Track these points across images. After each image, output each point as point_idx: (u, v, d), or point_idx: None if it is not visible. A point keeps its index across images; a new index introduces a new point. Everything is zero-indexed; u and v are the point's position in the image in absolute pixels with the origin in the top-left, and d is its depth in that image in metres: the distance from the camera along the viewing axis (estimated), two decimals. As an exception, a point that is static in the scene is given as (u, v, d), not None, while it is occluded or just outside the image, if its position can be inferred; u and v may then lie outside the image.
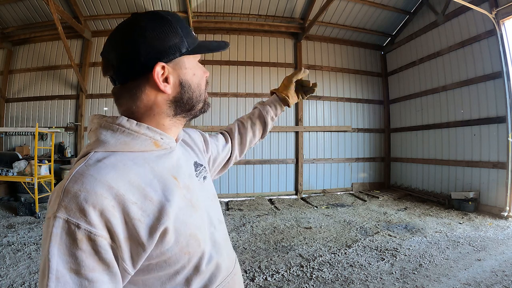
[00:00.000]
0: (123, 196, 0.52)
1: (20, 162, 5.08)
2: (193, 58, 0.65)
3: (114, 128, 0.59)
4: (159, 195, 0.57)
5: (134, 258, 0.53)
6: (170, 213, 0.56)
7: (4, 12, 6.21)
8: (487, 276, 2.75)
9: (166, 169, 0.62)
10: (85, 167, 0.54)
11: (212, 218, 0.72)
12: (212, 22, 6.63)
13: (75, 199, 0.49)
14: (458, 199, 5.30)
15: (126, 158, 0.58)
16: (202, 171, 0.76)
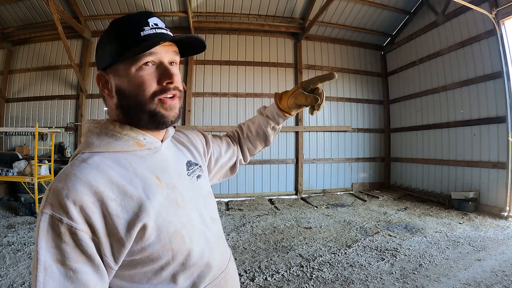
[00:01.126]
0: (102, 193, 0.55)
1: (20, 162, 5.08)
2: (130, 64, 0.61)
3: (99, 131, 0.64)
4: (139, 193, 0.59)
5: (115, 253, 0.56)
6: (150, 210, 0.58)
7: (4, 12, 6.21)
8: (487, 276, 2.75)
9: (148, 168, 0.65)
10: (70, 167, 0.58)
11: (204, 216, 0.72)
12: (212, 22, 6.63)
13: (58, 196, 0.53)
14: (458, 199, 5.30)
15: (109, 158, 0.61)
16: (196, 170, 0.78)
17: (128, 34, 0.61)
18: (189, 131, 0.89)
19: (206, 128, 6.68)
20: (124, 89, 0.62)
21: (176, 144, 0.80)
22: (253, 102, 6.91)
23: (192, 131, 0.90)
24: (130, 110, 0.63)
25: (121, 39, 0.61)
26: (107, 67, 0.63)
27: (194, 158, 0.81)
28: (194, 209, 0.69)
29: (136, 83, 0.61)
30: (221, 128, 6.69)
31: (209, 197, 0.78)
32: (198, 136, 0.90)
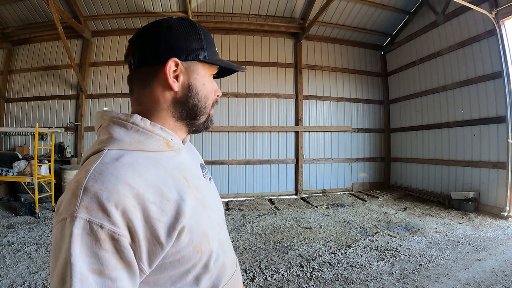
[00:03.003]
0: (143, 195, 0.52)
1: (20, 162, 5.08)
2: (207, 70, 0.66)
3: (128, 126, 0.59)
4: (175, 195, 0.57)
5: (151, 257, 0.53)
6: (186, 212, 0.56)
7: (4, 12, 6.21)
8: (487, 276, 2.75)
9: (177, 169, 0.63)
10: (102, 165, 0.53)
11: (219, 217, 0.73)
12: (212, 22, 6.63)
13: (96, 199, 0.48)
14: (458, 199, 5.30)
15: (141, 158, 0.58)
16: (207, 172, 0.79)
17: (210, 41, 0.66)
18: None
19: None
20: (199, 89, 0.65)
21: (188, 149, 0.79)
22: (253, 102, 6.91)
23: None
24: (195, 109, 0.65)
25: (206, 42, 0.65)
26: (185, 59, 0.62)
27: (202, 162, 0.84)
28: (211, 210, 0.68)
29: (209, 88, 0.67)
30: (221, 128, 6.69)
31: (219, 200, 0.80)
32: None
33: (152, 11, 6.35)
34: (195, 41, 0.63)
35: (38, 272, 2.78)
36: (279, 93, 6.99)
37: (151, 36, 0.63)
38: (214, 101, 0.69)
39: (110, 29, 6.79)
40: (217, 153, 6.74)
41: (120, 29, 6.81)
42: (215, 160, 6.71)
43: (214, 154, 6.74)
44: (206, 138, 6.76)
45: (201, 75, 0.65)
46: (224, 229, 0.75)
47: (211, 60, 0.65)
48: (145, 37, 0.63)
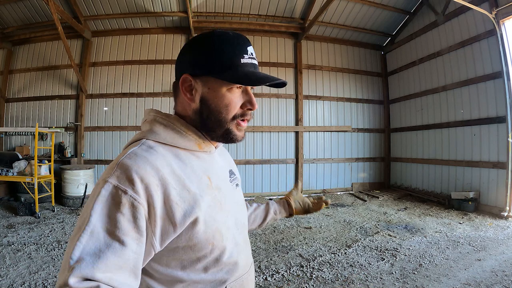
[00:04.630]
0: (167, 180, 0.60)
1: (20, 162, 5.08)
2: (224, 84, 0.66)
3: (166, 124, 0.69)
4: (195, 188, 0.64)
5: (163, 236, 0.60)
6: (202, 206, 0.64)
7: (4, 12, 6.21)
8: (487, 276, 2.75)
9: (203, 168, 0.70)
10: (139, 149, 0.63)
11: (238, 221, 0.78)
12: (212, 22, 6.63)
13: (127, 171, 0.57)
14: (458, 199, 5.30)
15: (171, 151, 0.67)
16: (235, 179, 0.85)
17: (230, 56, 0.65)
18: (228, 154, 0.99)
19: (206, 128, 6.68)
20: (210, 103, 0.67)
21: (222, 154, 0.86)
22: (253, 102, 6.90)
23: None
24: (208, 121, 0.69)
25: (222, 59, 0.65)
26: (197, 74, 0.67)
27: (233, 168, 0.88)
28: (231, 212, 0.74)
29: (224, 102, 0.67)
30: (221, 128, 6.69)
31: (243, 206, 0.86)
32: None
33: (152, 11, 6.35)
34: (206, 57, 0.66)
35: (38, 272, 2.78)
36: (279, 93, 6.98)
37: (180, 52, 0.72)
38: (238, 114, 0.69)
39: (110, 29, 6.79)
40: (217, 153, 6.73)
41: (120, 29, 6.81)
42: (215, 160, 6.70)
43: (214, 154, 6.73)
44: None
45: (213, 89, 0.67)
46: (243, 233, 0.80)
47: (222, 75, 0.65)
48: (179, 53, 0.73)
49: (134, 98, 6.73)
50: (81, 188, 5.58)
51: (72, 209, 5.36)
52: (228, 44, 0.66)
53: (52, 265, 2.95)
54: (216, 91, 0.67)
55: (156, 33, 6.86)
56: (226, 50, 0.66)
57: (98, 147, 6.69)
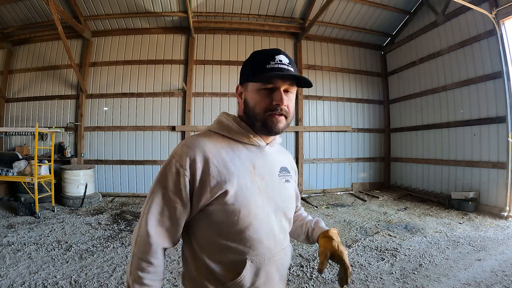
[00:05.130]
0: (209, 159, 0.82)
1: (20, 162, 5.08)
2: (255, 85, 0.86)
3: (226, 120, 0.92)
4: (234, 170, 0.83)
5: (200, 197, 0.81)
6: (235, 184, 0.82)
7: (4, 12, 6.21)
8: (487, 276, 2.75)
9: (249, 158, 0.89)
10: (197, 135, 0.89)
11: (278, 209, 0.91)
12: (212, 22, 6.63)
13: (181, 150, 0.83)
14: (458, 199, 5.30)
15: (225, 140, 0.89)
16: (286, 175, 0.98)
17: (258, 64, 0.85)
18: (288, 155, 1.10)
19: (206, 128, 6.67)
20: (249, 101, 0.88)
21: (279, 152, 1.02)
22: (253, 102, 6.90)
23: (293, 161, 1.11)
24: (249, 116, 0.89)
25: (254, 67, 0.86)
26: (242, 83, 0.91)
27: (288, 168, 1.01)
28: (272, 200, 0.89)
29: (256, 100, 0.87)
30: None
31: (289, 200, 0.97)
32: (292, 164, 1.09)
33: (152, 11, 6.35)
34: (247, 69, 0.89)
35: (38, 272, 2.78)
36: (279, 93, 6.97)
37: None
38: (269, 108, 0.85)
39: (110, 29, 6.80)
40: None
41: (120, 29, 6.81)
42: (215, 160, 6.70)
43: (214, 154, 6.73)
44: (206, 138, 6.75)
45: (249, 91, 0.88)
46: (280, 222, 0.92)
47: (254, 79, 0.85)
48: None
49: (134, 98, 6.73)
50: (81, 188, 5.58)
51: (72, 209, 5.36)
52: (259, 55, 0.87)
53: (52, 265, 2.95)
54: (252, 92, 0.87)
55: (156, 33, 6.86)
56: (257, 60, 0.87)
57: (98, 147, 6.69)
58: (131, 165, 6.66)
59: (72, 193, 5.56)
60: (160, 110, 6.75)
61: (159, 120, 6.73)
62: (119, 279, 2.70)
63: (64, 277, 2.69)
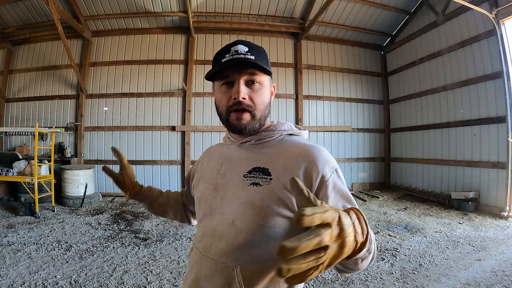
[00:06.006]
0: (203, 160, 0.99)
1: (20, 162, 5.08)
2: (217, 84, 0.83)
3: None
4: (206, 167, 0.94)
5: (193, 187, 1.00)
6: (200, 179, 0.94)
7: (4, 12, 6.21)
8: (487, 276, 2.75)
9: (222, 156, 0.90)
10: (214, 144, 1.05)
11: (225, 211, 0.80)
12: (212, 22, 6.63)
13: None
14: (458, 199, 5.30)
15: (218, 145, 0.99)
16: (257, 177, 0.78)
17: (215, 61, 0.80)
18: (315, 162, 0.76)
19: (206, 128, 6.68)
20: (216, 102, 0.84)
21: (259, 151, 0.83)
22: (253, 102, 6.90)
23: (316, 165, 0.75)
24: (219, 116, 0.85)
25: (213, 65, 0.81)
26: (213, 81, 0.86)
27: (270, 170, 0.78)
28: (225, 199, 0.81)
29: (217, 98, 0.83)
30: (221, 128, 6.69)
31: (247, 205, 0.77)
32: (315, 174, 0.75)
33: (152, 11, 6.35)
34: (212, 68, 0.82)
35: (38, 272, 2.78)
36: (279, 93, 6.98)
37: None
38: (229, 106, 0.79)
39: (110, 29, 6.80)
40: (217, 153, 6.74)
41: (120, 29, 6.81)
42: (215, 160, 6.71)
43: (214, 154, 6.73)
44: (206, 138, 6.76)
45: (215, 91, 0.85)
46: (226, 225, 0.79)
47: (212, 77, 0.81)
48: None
49: (134, 98, 6.73)
50: (81, 188, 5.58)
51: (72, 209, 5.36)
52: (218, 52, 0.80)
53: (52, 265, 2.95)
54: (216, 91, 0.83)
55: (156, 33, 6.86)
56: (215, 57, 0.80)
57: (98, 147, 6.69)
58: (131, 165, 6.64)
59: (72, 193, 5.56)
60: (160, 110, 6.74)
61: (159, 120, 6.73)
62: (119, 279, 2.70)
63: (64, 277, 2.69)
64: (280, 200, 0.74)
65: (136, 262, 3.08)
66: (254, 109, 0.78)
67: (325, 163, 0.76)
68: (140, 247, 3.50)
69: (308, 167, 0.75)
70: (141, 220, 4.66)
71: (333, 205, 0.73)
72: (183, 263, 3.09)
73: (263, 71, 0.78)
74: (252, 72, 0.77)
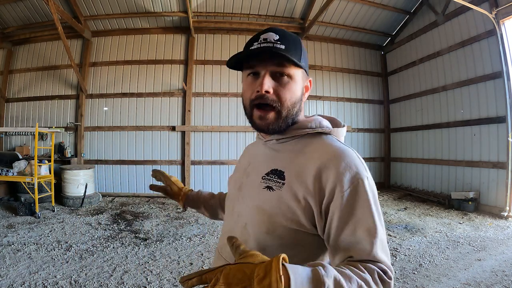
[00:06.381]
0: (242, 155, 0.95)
1: (20, 162, 5.08)
2: (243, 74, 0.75)
3: None
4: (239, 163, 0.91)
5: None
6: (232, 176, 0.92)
7: (4, 12, 6.21)
8: (487, 276, 2.75)
9: (253, 153, 0.86)
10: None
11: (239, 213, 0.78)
12: (212, 22, 6.63)
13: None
14: (458, 199, 5.30)
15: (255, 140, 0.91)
16: (272, 180, 0.71)
17: (244, 49, 0.73)
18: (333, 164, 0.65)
19: (206, 128, 6.68)
20: (242, 92, 0.76)
21: (281, 151, 0.75)
22: (253, 102, 6.90)
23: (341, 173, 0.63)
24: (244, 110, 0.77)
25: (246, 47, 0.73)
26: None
27: (286, 173, 0.70)
28: (244, 200, 0.77)
29: (243, 89, 0.75)
30: (221, 128, 6.69)
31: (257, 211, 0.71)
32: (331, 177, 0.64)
33: (152, 11, 6.35)
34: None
35: (38, 272, 2.78)
36: (279, 93, 6.97)
37: None
38: (251, 99, 0.71)
39: (110, 29, 6.79)
40: (217, 153, 6.74)
41: (120, 29, 6.81)
42: (215, 160, 6.71)
43: (214, 154, 6.74)
44: (206, 138, 6.76)
45: (242, 79, 0.76)
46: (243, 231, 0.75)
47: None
48: None
49: (134, 98, 6.73)
50: (81, 188, 5.58)
51: (72, 209, 5.36)
52: (249, 40, 0.73)
53: (52, 265, 2.95)
54: (243, 81, 0.76)
55: (156, 33, 6.86)
56: (245, 46, 0.73)
57: (98, 147, 6.69)
58: (131, 165, 6.66)
59: (72, 193, 5.56)
60: (160, 110, 6.74)
61: (159, 120, 6.73)
62: (119, 279, 2.70)
63: (64, 277, 2.69)
64: (289, 209, 0.66)
65: (136, 262, 3.08)
66: (280, 106, 0.69)
67: (347, 168, 0.63)
68: (140, 247, 3.50)
69: (321, 171, 0.65)
70: (141, 220, 4.66)
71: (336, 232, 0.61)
72: (183, 263, 3.09)
73: (293, 63, 0.68)
74: (280, 63, 0.68)
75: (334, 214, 0.62)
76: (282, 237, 0.68)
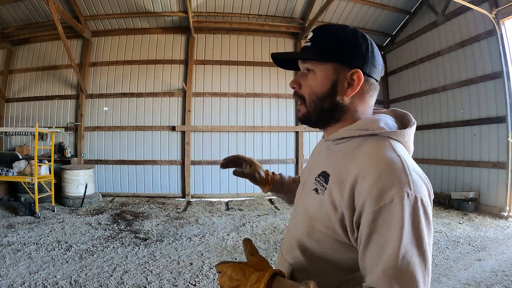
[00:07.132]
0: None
1: (20, 162, 5.08)
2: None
3: None
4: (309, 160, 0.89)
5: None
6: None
7: (4, 12, 6.21)
8: (487, 276, 2.75)
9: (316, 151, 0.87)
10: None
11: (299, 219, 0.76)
12: (212, 22, 6.63)
13: None
14: (458, 199, 5.30)
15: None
16: (320, 182, 0.69)
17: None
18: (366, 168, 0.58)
19: (206, 128, 6.68)
20: None
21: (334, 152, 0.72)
22: (253, 102, 6.91)
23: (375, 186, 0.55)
24: None
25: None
26: None
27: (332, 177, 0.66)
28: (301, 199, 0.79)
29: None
30: (220, 128, 6.69)
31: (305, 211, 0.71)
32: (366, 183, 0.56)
33: (152, 11, 6.35)
34: None
35: (38, 272, 2.78)
36: (279, 93, 6.99)
37: None
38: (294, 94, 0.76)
39: (110, 29, 6.79)
40: (217, 153, 6.74)
41: (120, 29, 6.81)
42: (215, 160, 6.71)
43: (214, 154, 6.74)
44: (206, 138, 6.76)
45: None
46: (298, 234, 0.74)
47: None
48: None
49: (134, 98, 6.73)
50: (81, 188, 5.58)
51: (72, 209, 5.36)
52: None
53: (52, 265, 2.95)
54: None
55: (156, 33, 6.86)
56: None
57: (98, 147, 6.69)
58: (131, 165, 6.66)
59: (72, 193, 5.56)
60: (160, 110, 6.74)
61: (159, 120, 6.73)
62: (119, 279, 2.70)
63: (64, 277, 2.70)
64: (327, 216, 0.63)
65: (136, 262, 3.08)
66: (307, 99, 0.72)
67: (383, 181, 0.54)
68: (140, 247, 3.50)
69: (357, 181, 0.58)
70: (141, 220, 4.66)
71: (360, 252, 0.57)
72: (183, 263, 3.09)
73: (306, 59, 0.72)
74: (302, 60, 0.74)
75: (363, 231, 0.56)
76: (320, 242, 0.67)
